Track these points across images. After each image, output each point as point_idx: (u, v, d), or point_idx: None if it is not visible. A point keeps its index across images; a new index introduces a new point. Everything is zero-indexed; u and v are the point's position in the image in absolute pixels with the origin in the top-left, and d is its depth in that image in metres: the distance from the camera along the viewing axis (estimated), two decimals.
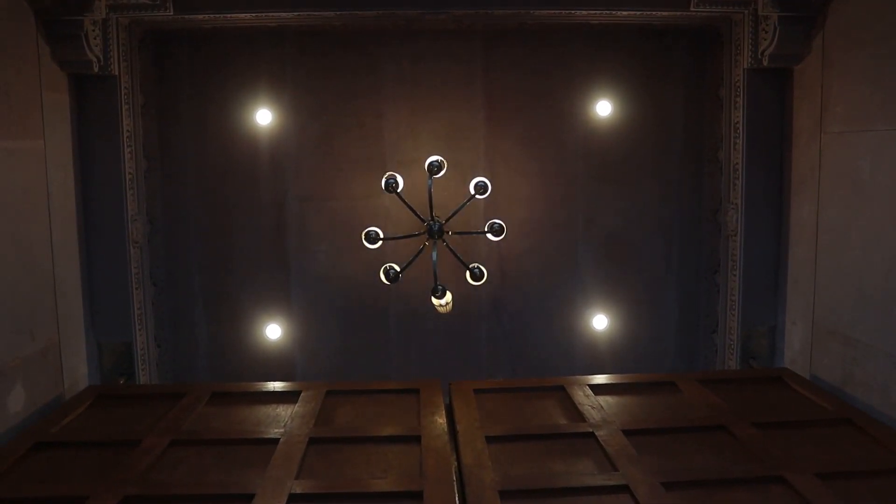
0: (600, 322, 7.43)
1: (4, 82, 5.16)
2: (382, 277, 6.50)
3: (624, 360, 7.44)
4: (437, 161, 6.39)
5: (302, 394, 5.66)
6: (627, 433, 4.86)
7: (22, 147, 5.35)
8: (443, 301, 6.57)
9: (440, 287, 6.50)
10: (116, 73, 6.20)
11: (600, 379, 5.96)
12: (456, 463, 4.62)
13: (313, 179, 7.19)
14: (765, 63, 6.23)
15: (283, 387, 5.86)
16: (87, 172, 6.28)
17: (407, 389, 5.81)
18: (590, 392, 5.62)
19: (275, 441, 4.79)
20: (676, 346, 7.50)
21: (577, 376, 6.10)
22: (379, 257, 6.64)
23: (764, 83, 6.45)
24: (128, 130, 6.43)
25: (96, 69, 5.99)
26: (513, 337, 7.49)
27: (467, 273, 6.47)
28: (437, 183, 6.45)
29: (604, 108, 7.12)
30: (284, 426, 5.01)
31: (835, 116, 5.73)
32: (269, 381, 7.14)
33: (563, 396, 5.58)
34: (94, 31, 5.87)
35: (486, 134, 7.24)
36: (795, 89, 6.32)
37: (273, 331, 7.24)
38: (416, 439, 4.83)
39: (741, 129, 6.58)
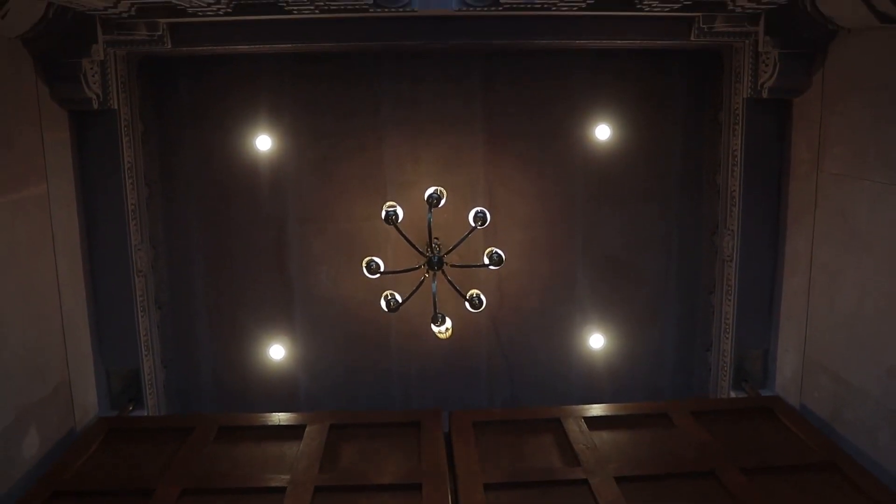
0: (598, 340, 7.57)
1: (7, 134, 5.20)
2: (383, 306, 6.63)
3: (621, 377, 7.61)
4: (435, 194, 6.44)
5: (307, 429, 5.84)
6: (619, 480, 5.04)
7: (26, 196, 5.42)
8: (442, 328, 6.69)
9: (440, 315, 6.63)
10: (116, 107, 6.22)
11: (595, 410, 6.13)
12: None
13: (314, 202, 7.24)
14: (764, 95, 6.23)
15: (287, 420, 6.03)
16: (90, 206, 6.35)
17: (408, 423, 6.00)
18: (584, 427, 5.79)
19: (282, 490, 4.98)
20: (673, 362, 7.65)
21: (573, 406, 6.28)
22: (380, 279, 6.72)
23: (763, 112, 6.46)
24: (129, 162, 6.47)
25: (96, 106, 6.01)
26: (512, 355, 7.64)
27: (466, 303, 6.60)
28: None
29: (603, 131, 7.13)
30: (290, 471, 5.19)
31: (833, 157, 5.76)
32: (274, 400, 7.40)
33: (559, 433, 5.74)
34: (92, 69, 5.87)
35: (486, 155, 7.26)
36: (795, 121, 6.33)
37: (276, 351, 7.39)
38: (418, 486, 5.02)
39: (739, 156, 6.61)
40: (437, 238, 6.72)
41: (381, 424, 5.99)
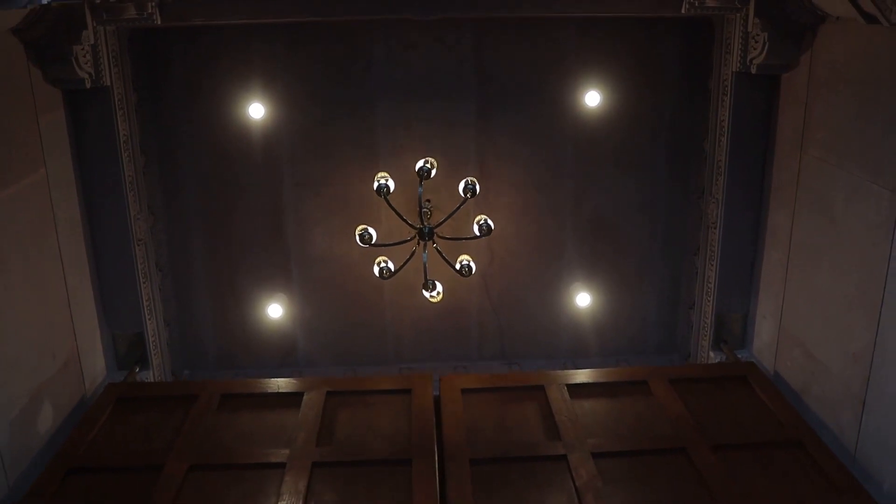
0: (585, 297, 7.84)
1: (4, 126, 5.29)
2: (376, 273, 6.87)
3: (607, 332, 7.96)
4: (426, 166, 6.57)
5: (304, 397, 6.19)
6: (596, 456, 5.41)
7: (26, 184, 5.55)
8: (434, 293, 6.96)
9: (431, 282, 6.88)
10: (109, 83, 6.25)
11: (578, 376, 6.46)
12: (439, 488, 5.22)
13: (308, 166, 7.36)
14: (753, 71, 6.25)
15: (286, 387, 6.35)
16: (88, 181, 6.47)
17: (400, 390, 6.34)
18: (567, 396, 6.13)
19: (282, 465, 5.36)
20: (656, 319, 7.96)
21: (557, 372, 6.63)
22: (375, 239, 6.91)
23: (752, 85, 6.47)
24: (124, 135, 6.54)
25: (89, 85, 6.05)
26: (501, 311, 7.93)
27: (458, 265, 6.85)
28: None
29: (593, 98, 7.16)
30: (289, 445, 5.55)
31: (815, 141, 5.85)
32: (273, 356, 7.74)
33: (543, 402, 6.08)
34: (83, 52, 5.87)
35: (477, 120, 7.32)
36: (782, 96, 6.37)
37: (275, 310, 7.67)
38: (408, 462, 5.40)
39: (727, 128, 6.67)
40: (428, 200, 6.91)
41: (375, 392, 6.34)
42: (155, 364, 7.15)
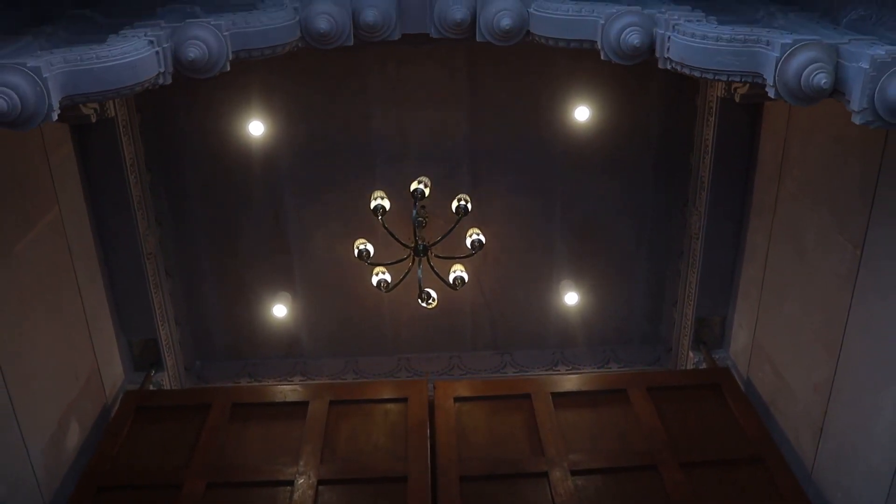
0: (573, 292, 8.24)
1: (20, 177, 5.59)
2: (374, 284, 7.26)
3: (593, 324, 8.38)
4: (420, 189, 6.85)
5: (309, 406, 6.72)
6: (574, 473, 5.96)
7: (43, 225, 5.89)
8: (428, 301, 7.36)
9: (425, 292, 7.27)
10: (113, 114, 6.48)
11: (562, 384, 6.99)
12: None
13: (307, 175, 7.61)
14: (736, 100, 6.44)
15: (292, 395, 6.90)
16: (99, 205, 6.81)
17: (397, 398, 6.86)
18: (551, 407, 6.64)
19: (290, 482, 5.93)
20: (642, 311, 8.38)
21: (543, 378, 7.19)
22: (374, 236, 7.19)
23: (736, 109, 6.67)
24: (130, 158, 6.83)
25: (94, 120, 6.28)
26: (494, 304, 8.35)
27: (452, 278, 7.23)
28: (422, 172, 6.95)
29: (582, 112, 7.35)
30: (296, 462, 6.10)
31: (793, 176, 6.12)
32: (279, 352, 8.23)
33: (529, 413, 6.60)
34: None
35: (470, 129, 7.53)
36: (764, 124, 6.58)
37: (279, 307, 8.11)
38: (404, 479, 5.96)
39: (710, 147, 6.92)
40: (423, 206, 7.19)
41: (374, 401, 6.86)
42: (169, 365, 7.64)
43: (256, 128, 7.28)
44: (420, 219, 7.12)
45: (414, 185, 6.90)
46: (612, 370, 8.08)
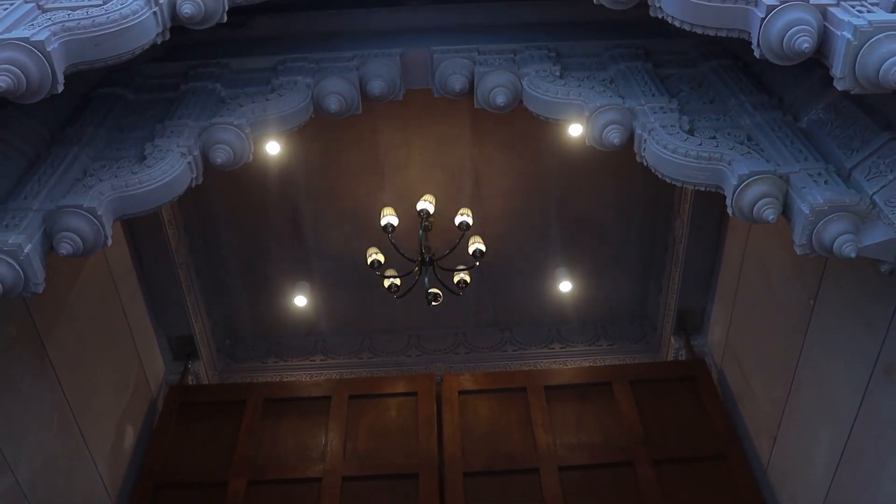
0: (567, 275, 8.98)
1: None
2: (386, 287, 8.02)
3: (586, 305, 9.17)
4: (425, 209, 7.47)
5: (331, 401, 7.67)
6: (561, 469, 6.95)
7: (87, 268, 6.62)
8: (436, 301, 8.15)
9: (431, 294, 8.03)
10: None
11: (554, 377, 7.89)
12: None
13: (321, 183, 8.23)
14: None
15: (316, 391, 7.84)
16: (136, 230, 7.49)
17: (408, 392, 7.79)
18: (544, 403, 7.56)
19: (318, 480, 6.95)
20: (630, 294, 9.15)
21: (538, 370, 8.09)
22: (382, 236, 7.88)
23: None
24: None
25: None
26: (495, 288, 9.12)
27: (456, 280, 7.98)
28: (428, 182, 7.82)
29: (576, 129, 7.79)
30: (323, 460, 7.10)
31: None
32: (300, 338, 9.10)
33: (524, 408, 7.53)
34: None
35: (472, 139, 8.05)
36: None
37: (299, 298, 8.92)
38: (416, 476, 6.97)
39: None
40: (429, 221, 7.87)
41: (388, 395, 7.79)
42: (203, 354, 8.56)
43: (273, 147, 7.80)
44: (426, 222, 7.79)
45: (420, 205, 7.51)
46: (599, 363, 8.84)
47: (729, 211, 4.67)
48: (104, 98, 5.75)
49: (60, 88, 4.02)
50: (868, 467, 5.27)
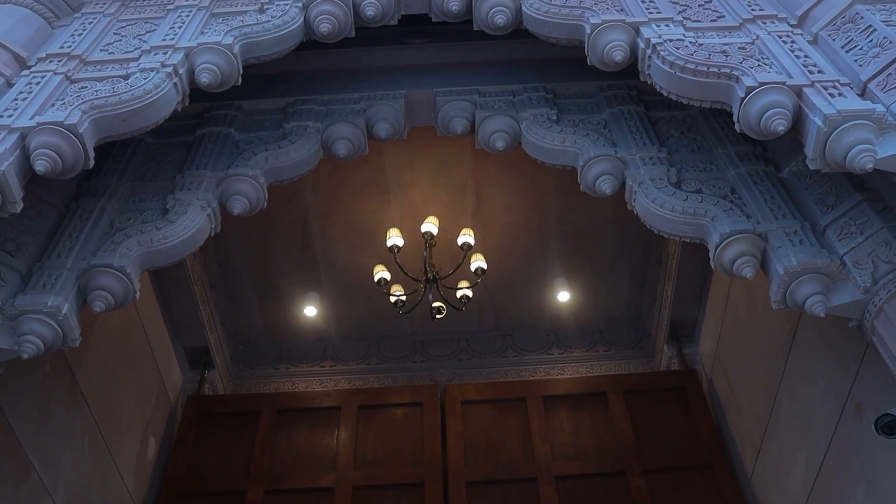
0: (565, 289, 9.37)
1: None
2: (392, 303, 8.42)
3: (583, 310, 9.56)
4: (429, 231, 7.83)
5: (341, 412, 8.11)
6: (558, 479, 7.40)
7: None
8: (440, 315, 8.55)
9: (435, 309, 8.43)
10: None
11: (552, 386, 8.31)
12: None
13: (329, 201, 8.58)
14: None
15: (327, 401, 8.28)
16: None
17: (413, 402, 8.23)
18: (543, 412, 7.99)
19: (331, 489, 7.41)
20: (625, 301, 9.54)
21: (537, 380, 8.50)
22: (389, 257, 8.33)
23: None
24: None
25: None
26: (495, 296, 9.51)
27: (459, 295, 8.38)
28: (430, 198, 8.23)
29: None
30: (335, 469, 7.56)
31: None
32: (310, 339, 9.51)
33: (524, 418, 7.96)
34: None
35: (473, 159, 8.37)
36: None
37: (310, 311, 9.33)
38: (421, 485, 7.43)
39: None
40: (432, 241, 8.25)
41: (394, 405, 8.23)
42: (218, 363, 9.00)
43: None
44: (430, 243, 8.17)
45: (424, 227, 7.88)
46: (597, 367, 9.26)
47: (711, 265, 5.03)
48: (125, 143, 6.07)
49: (91, 164, 4.38)
50: (839, 490, 5.70)
